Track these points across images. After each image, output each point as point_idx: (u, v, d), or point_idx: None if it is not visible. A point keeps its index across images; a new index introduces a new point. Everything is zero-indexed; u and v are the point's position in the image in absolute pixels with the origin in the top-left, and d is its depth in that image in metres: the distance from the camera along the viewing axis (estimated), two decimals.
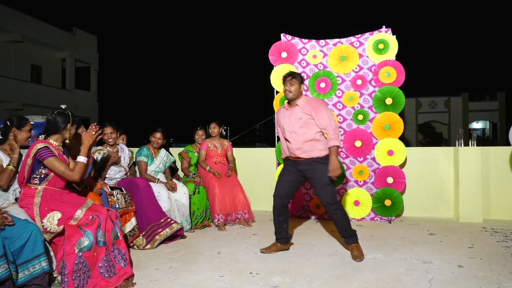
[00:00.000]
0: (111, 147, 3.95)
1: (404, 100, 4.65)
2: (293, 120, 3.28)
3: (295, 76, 3.28)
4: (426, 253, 3.35)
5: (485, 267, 2.98)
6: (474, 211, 4.61)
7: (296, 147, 3.26)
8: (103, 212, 2.73)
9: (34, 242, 2.39)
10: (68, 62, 18.90)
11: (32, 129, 3.02)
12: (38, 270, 2.39)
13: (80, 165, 2.75)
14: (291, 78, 3.26)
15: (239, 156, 5.42)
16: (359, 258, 3.17)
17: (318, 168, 3.20)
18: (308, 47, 5.03)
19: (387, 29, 4.79)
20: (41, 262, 2.41)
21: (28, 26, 16.37)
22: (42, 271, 2.41)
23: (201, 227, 4.38)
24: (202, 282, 2.74)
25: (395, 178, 4.62)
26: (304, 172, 3.29)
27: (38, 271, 2.39)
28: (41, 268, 2.41)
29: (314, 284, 2.69)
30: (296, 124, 3.26)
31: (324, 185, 3.20)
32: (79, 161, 2.76)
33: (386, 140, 4.66)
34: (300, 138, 3.24)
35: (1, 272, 2.16)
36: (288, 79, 3.26)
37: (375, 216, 4.70)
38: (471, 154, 4.65)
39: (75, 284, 2.46)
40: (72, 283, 2.45)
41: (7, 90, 15.45)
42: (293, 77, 3.27)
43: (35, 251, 2.39)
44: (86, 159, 2.78)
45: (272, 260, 3.21)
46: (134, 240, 3.54)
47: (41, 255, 2.42)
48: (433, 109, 26.19)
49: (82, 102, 19.33)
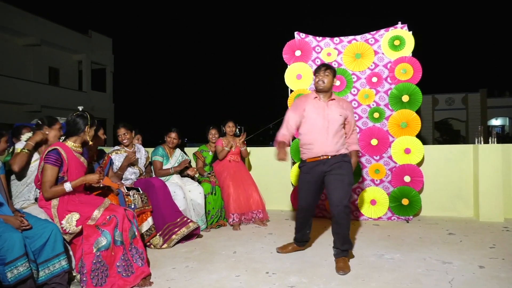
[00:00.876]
0: (128, 148, 3.99)
1: (421, 97, 4.56)
2: (330, 113, 3.11)
3: (330, 67, 3.18)
4: (445, 253, 3.28)
5: (508, 268, 2.90)
6: (495, 210, 4.50)
7: (328, 143, 3.07)
8: (120, 212, 2.76)
9: (54, 241, 2.44)
10: (84, 64, 19.25)
11: (61, 128, 3.08)
12: (58, 269, 2.44)
13: (59, 191, 2.68)
14: (325, 69, 3.15)
15: (254, 156, 5.42)
16: (342, 271, 2.85)
17: (344, 166, 3.09)
18: (322, 45, 4.99)
19: (403, 25, 4.71)
20: (61, 261, 2.45)
21: (45, 29, 16.76)
22: (62, 270, 2.45)
23: (217, 226, 4.39)
24: (219, 282, 2.75)
25: (412, 177, 4.55)
26: (327, 172, 3.08)
27: (58, 269, 2.43)
28: (61, 267, 2.45)
29: (331, 284, 2.66)
30: (332, 119, 3.10)
31: (345, 184, 3.04)
32: (61, 187, 2.68)
33: (403, 138, 4.58)
34: (333, 134, 3.09)
35: (22, 270, 2.20)
36: (322, 69, 3.15)
37: (392, 215, 4.64)
38: (491, 152, 4.53)
39: (94, 283, 2.49)
40: (90, 282, 2.49)
41: (26, 92, 15.84)
42: (327, 68, 3.16)
43: (55, 250, 2.44)
44: (70, 189, 2.71)
45: (288, 260, 3.19)
46: (151, 240, 3.57)
47: (61, 254, 2.46)
48: (450, 106, 25.67)
49: (98, 103, 19.65)
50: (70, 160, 2.75)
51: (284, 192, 5.36)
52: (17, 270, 2.18)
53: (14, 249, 2.18)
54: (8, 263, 2.16)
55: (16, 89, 15.37)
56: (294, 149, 5.01)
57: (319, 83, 3.14)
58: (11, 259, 2.17)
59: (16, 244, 2.19)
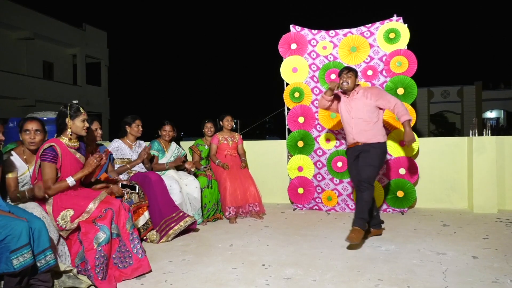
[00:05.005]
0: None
1: (416, 90, 4.58)
2: (355, 106, 3.55)
3: (351, 69, 3.60)
4: (439, 245, 3.32)
5: (501, 258, 2.94)
6: (488, 201, 4.55)
7: (357, 132, 3.54)
8: (116, 204, 2.76)
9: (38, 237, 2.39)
10: (78, 58, 19.08)
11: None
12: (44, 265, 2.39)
13: (63, 186, 2.68)
14: (347, 71, 3.57)
15: (250, 149, 5.42)
16: (349, 239, 3.18)
17: (373, 151, 3.48)
18: (318, 38, 4.98)
19: (398, 17, 4.71)
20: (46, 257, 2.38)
21: (39, 23, 16.56)
22: (47, 266, 2.37)
23: (213, 220, 4.41)
24: (215, 274, 2.77)
25: (407, 169, 4.58)
26: (359, 154, 3.55)
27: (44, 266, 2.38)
28: (46, 263, 2.38)
29: (326, 276, 2.69)
30: (359, 111, 3.53)
31: (370, 164, 3.43)
32: (64, 182, 2.69)
33: (398, 131, 4.60)
34: (362, 125, 3.52)
35: (28, 258, 2.21)
36: (345, 72, 3.58)
37: (388, 207, 4.67)
38: (485, 144, 4.57)
39: (100, 277, 2.52)
40: (96, 276, 2.52)
41: (20, 87, 15.69)
42: (349, 70, 3.59)
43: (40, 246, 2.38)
44: (74, 183, 2.72)
45: (284, 252, 3.21)
46: (148, 234, 3.58)
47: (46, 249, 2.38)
48: (446, 99, 25.76)
49: (93, 97, 19.52)
50: (65, 156, 2.73)
51: (281, 185, 5.38)
52: (23, 257, 2.20)
53: (21, 237, 2.20)
54: (14, 251, 2.18)
55: (10, 83, 15.22)
56: (290, 143, 5.02)
57: (344, 84, 3.57)
58: (17, 247, 2.18)
59: (23, 232, 2.21)
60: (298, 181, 4.95)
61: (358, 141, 3.55)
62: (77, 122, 2.80)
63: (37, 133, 2.83)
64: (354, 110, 3.56)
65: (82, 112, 2.83)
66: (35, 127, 2.83)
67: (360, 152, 3.54)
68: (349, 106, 3.60)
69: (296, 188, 4.96)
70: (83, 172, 2.78)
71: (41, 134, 2.86)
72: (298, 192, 4.95)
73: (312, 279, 2.64)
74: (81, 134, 2.84)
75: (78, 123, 2.80)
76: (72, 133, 2.80)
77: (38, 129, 2.84)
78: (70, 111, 2.78)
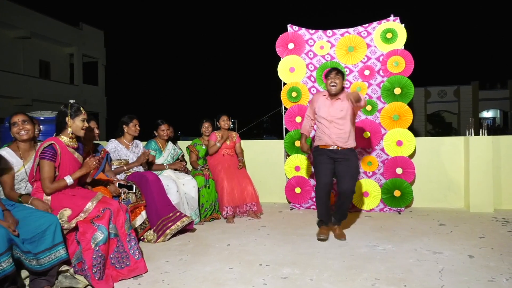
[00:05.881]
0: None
1: (413, 90, 4.60)
2: (334, 111, 3.49)
3: (339, 71, 3.49)
4: (436, 244, 3.33)
5: (496, 257, 2.96)
6: (484, 201, 4.57)
7: (336, 137, 3.48)
8: (114, 205, 2.75)
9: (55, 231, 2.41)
10: (75, 57, 19.01)
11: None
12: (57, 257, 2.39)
13: (61, 185, 2.69)
14: (335, 73, 3.46)
15: (247, 149, 5.42)
16: (344, 238, 3.46)
17: (353, 160, 3.50)
18: (315, 37, 4.98)
19: (395, 17, 4.72)
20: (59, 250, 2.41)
21: (35, 22, 16.48)
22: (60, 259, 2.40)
23: (210, 219, 4.41)
24: (212, 274, 2.77)
25: (404, 169, 4.59)
26: (337, 160, 3.50)
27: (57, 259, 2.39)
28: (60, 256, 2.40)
29: (323, 275, 2.70)
30: (337, 115, 3.48)
31: (353, 177, 3.47)
32: (63, 181, 2.70)
33: (395, 131, 4.62)
34: (341, 129, 3.47)
35: (6, 266, 2.08)
36: (333, 73, 3.46)
37: (385, 207, 4.69)
38: (482, 144, 4.59)
39: (96, 277, 2.52)
40: (93, 276, 2.51)
41: (17, 86, 15.62)
42: (337, 72, 3.47)
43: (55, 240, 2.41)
44: (72, 182, 2.73)
45: (282, 252, 3.22)
46: (145, 234, 3.57)
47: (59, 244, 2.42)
48: (443, 99, 25.87)
49: (91, 97, 19.46)
50: (64, 155, 2.73)
51: (278, 185, 5.39)
52: (1, 266, 2.06)
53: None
54: None
55: (6, 82, 15.13)
56: (287, 142, 5.03)
57: (330, 87, 3.47)
58: None
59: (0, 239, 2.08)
60: (296, 180, 4.96)
61: (337, 145, 3.49)
62: (77, 121, 2.81)
63: (25, 123, 2.82)
64: (335, 113, 3.48)
65: (82, 111, 2.84)
66: (21, 118, 2.82)
67: (340, 158, 3.48)
68: (331, 109, 3.51)
69: (293, 187, 4.97)
70: (81, 171, 2.78)
71: (29, 124, 2.84)
72: (296, 191, 4.96)
73: (309, 279, 2.64)
74: (79, 134, 2.84)
75: (78, 123, 2.81)
76: (73, 132, 2.81)
77: (25, 119, 2.83)
78: (70, 110, 2.79)
